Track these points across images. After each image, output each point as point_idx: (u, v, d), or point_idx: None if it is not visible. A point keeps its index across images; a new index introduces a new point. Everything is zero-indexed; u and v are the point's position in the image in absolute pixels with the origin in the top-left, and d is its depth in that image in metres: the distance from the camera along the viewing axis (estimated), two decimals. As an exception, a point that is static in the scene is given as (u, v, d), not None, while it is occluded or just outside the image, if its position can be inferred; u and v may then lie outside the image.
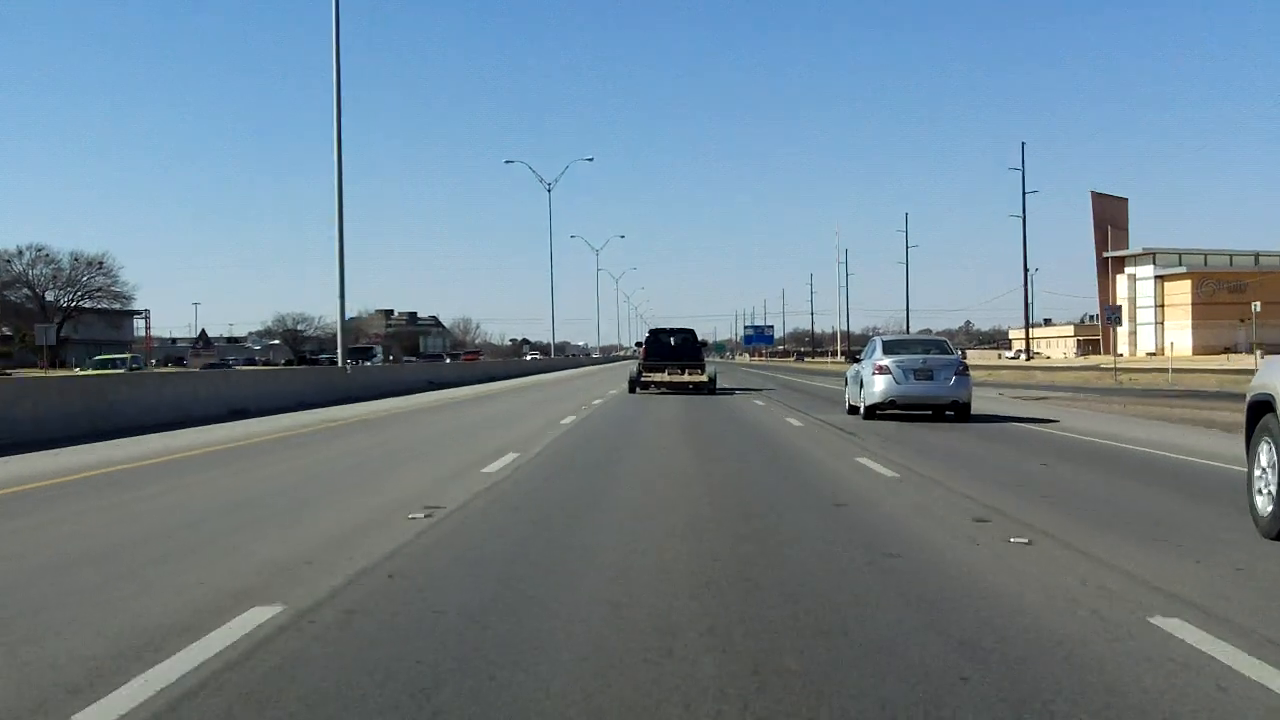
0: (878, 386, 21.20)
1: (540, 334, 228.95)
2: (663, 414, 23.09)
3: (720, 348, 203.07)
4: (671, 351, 35.65)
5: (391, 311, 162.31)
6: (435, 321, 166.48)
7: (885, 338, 22.98)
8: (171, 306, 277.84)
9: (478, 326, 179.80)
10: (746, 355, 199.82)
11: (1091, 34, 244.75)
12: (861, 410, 21.84)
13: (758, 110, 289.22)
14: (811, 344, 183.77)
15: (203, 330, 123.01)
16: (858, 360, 23.83)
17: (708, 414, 23.49)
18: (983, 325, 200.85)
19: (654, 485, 11.03)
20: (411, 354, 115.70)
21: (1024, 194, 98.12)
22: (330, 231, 39.44)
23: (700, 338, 38.80)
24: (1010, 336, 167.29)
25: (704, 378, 34.53)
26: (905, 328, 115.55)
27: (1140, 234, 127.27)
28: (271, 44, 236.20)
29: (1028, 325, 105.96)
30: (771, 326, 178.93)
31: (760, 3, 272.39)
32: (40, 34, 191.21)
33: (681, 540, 7.66)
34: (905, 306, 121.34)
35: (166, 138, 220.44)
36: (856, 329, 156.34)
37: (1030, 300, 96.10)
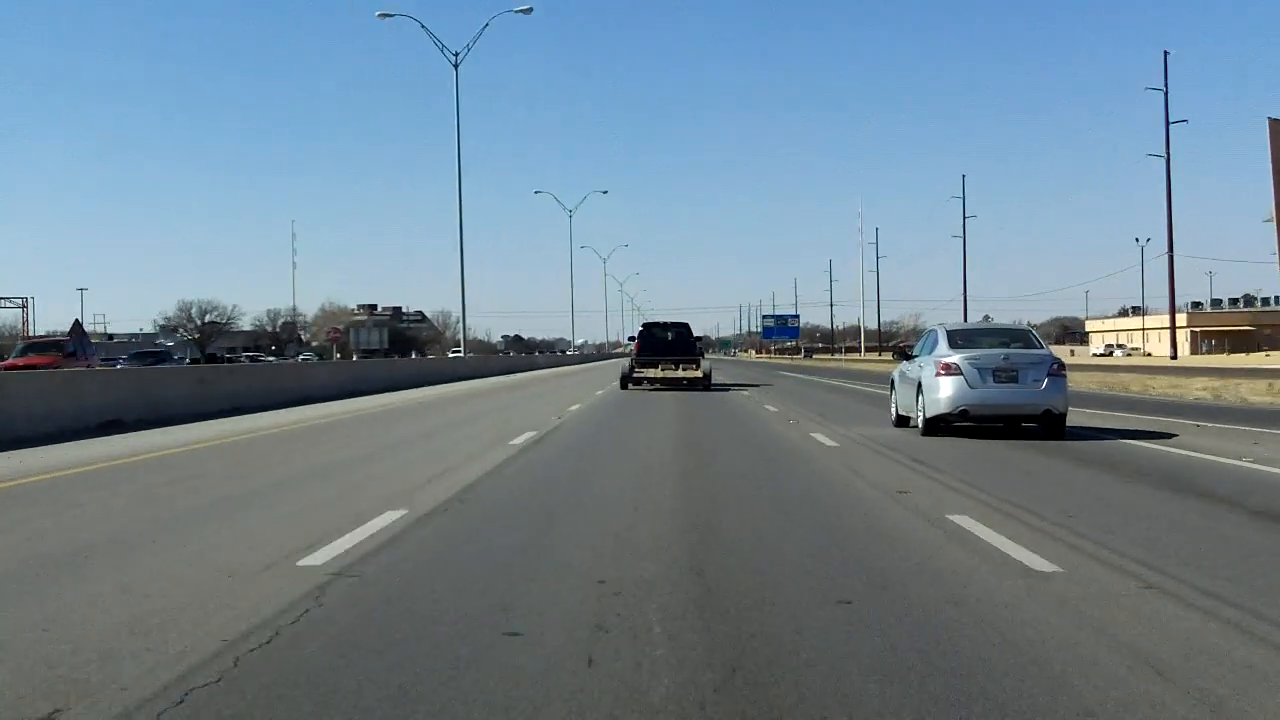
0: (943, 391, 16.09)
1: (536, 330, 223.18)
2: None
3: (727, 344, 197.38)
4: (666, 346, 34.80)
5: (375, 306, 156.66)
6: (421, 316, 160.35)
7: (950, 327, 17.87)
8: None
9: (457, 320, 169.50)
10: (752, 352, 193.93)
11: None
12: (920, 423, 16.77)
13: (757, 98, 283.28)
14: (831, 339, 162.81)
15: (76, 321, 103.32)
16: (908, 357, 18.72)
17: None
18: (1002, 319, 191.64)
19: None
20: (341, 352, 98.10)
21: (1167, 124, 68.87)
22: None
23: (700, 333, 38.58)
24: (1088, 329, 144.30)
25: (699, 373, 33.90)
26: (963, 315, 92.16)
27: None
28: (186, 26, 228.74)
29: (1173, 309, 75.11)
30: (797, 317, 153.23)
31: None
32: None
33: None
34: (963, 288, 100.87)
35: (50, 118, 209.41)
36: (870, 326, 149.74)
37: (1172, 280, 70.76)
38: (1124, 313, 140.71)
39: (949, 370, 16.16)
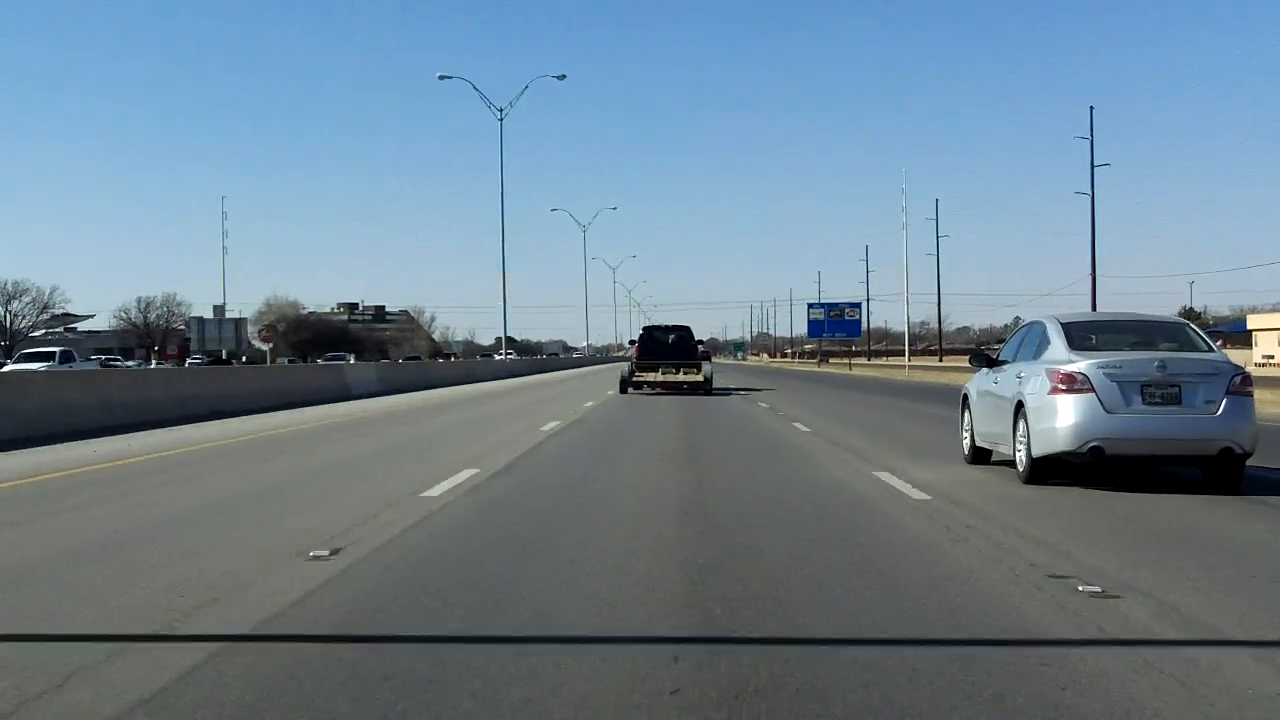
0: (1064, 417, 10.64)
1: (527, 330, 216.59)
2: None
3: (740, 347, 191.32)
4: (666, 350, 34.79)
5: (356, 305, 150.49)
6: (406, 316, 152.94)
7: (1066, 318, 12.22)
8: None
9: (433, 319, 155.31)
10: (764, 355, 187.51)
11: None
12: (1019, 462, 11.34)
13: (762, 93, 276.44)
14: (867, 340, 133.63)
15: None
16: (993, 364, 13.18)
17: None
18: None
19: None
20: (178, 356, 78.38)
21: None
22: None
23: (708, 335, 39.03)
24: (1251, 328, 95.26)
25: (699, 377, 33.88)
26: (1091, 302, 60.29)
27: None
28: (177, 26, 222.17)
29: None
30: (857, 306, 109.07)
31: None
32: None
33: None
34: (1091, 263, 60.53)
35: None
36: (917, 324, 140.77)
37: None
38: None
39: (1072, 384, 10.67)
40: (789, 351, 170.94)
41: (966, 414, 13.74)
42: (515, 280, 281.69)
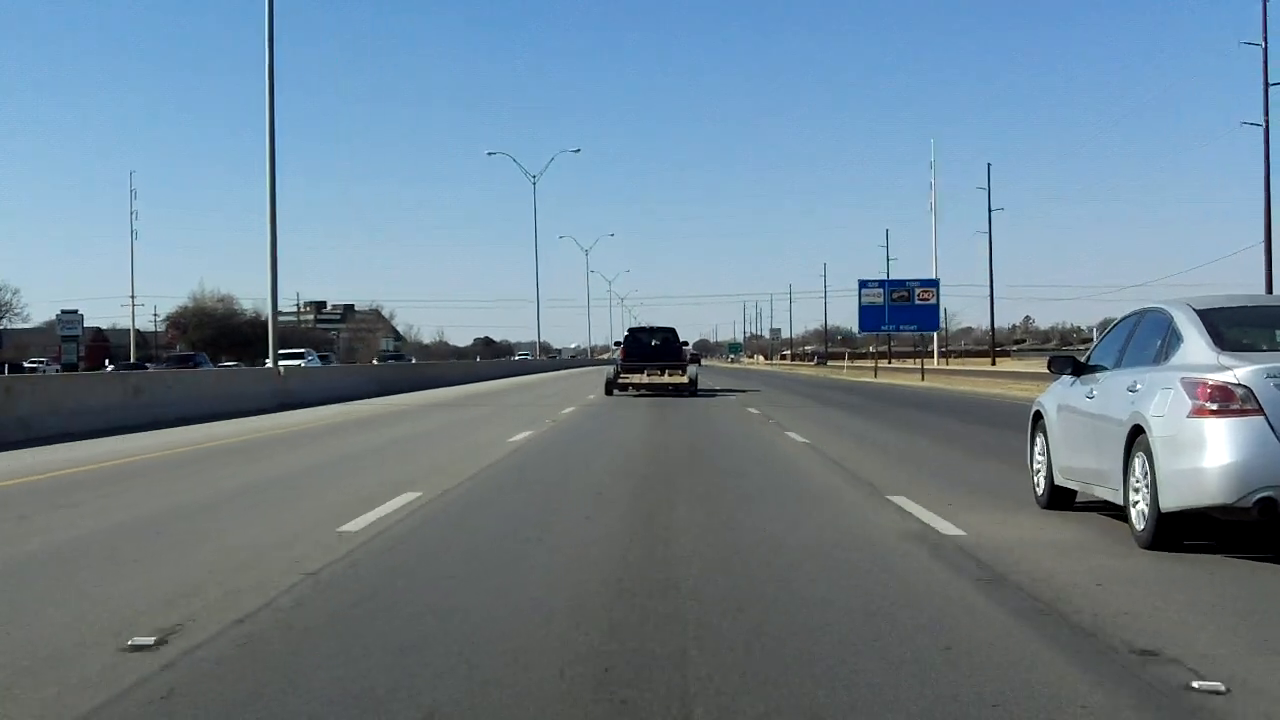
0: (1219, 451, 7.20)
1: (505, 331, 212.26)
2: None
3: (736, 348, 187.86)
4: (652, 352, 35.35)
5: (324, 304, 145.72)
6: (377, 316, 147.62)
7: (1203, 304, 8.59)
8: None
9: (392, 315, 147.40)
10: (759, 357, 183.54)
11: None
12: (1137, 516, 7.91)
13: (755, 78, 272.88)
14: (889, 340, 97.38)
15: None
16: (1083, 369, 9.64)
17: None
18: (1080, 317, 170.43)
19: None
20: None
21: None
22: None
23: (699, 336, 37.15)
24: None
25: (684, 379, 34.51)
26: (1266, 278, 46.98)
27: None
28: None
29: None
30: (934, 284, 70.85)
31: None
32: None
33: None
34: (1265, 217, 45.31)
35: None
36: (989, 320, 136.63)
37: None
38: None
39: (1228, 402, 7.19)
40: (786, 353, 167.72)
41: (1040, 438, 10.20)
42: (504, 280, 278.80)
